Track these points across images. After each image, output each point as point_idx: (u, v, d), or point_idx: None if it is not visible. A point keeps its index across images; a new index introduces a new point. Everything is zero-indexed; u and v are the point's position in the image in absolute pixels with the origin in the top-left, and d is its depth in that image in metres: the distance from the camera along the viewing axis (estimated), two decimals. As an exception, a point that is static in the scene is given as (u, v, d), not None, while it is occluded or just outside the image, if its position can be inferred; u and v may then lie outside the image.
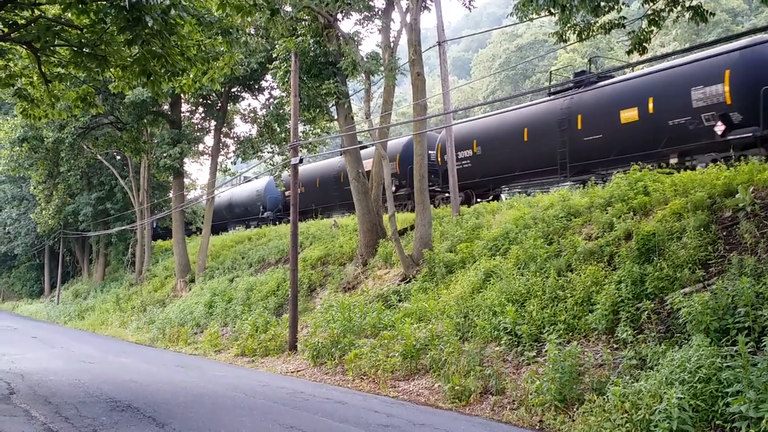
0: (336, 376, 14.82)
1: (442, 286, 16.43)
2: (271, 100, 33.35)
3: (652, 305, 10.48)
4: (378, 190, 23.03)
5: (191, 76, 13.39)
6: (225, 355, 20.28)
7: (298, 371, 16.05)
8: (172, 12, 10.31)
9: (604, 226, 13.96)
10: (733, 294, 9.28)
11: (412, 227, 21.21)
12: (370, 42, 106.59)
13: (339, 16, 21.85)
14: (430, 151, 28.69)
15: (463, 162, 26.04)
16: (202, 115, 37.65)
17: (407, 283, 18.26)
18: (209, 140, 37.02)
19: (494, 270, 14.91)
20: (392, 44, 21.58)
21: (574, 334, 11.43)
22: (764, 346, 8.04)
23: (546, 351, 10.72)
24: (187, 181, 41.48)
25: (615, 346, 10.61)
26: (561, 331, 11.43)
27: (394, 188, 23.66)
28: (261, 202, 42.42)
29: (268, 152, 36.71)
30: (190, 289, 31.87)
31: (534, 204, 18.26)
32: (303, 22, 21.69)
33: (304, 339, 17.50)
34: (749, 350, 7.88)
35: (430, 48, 23.21)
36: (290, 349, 18.08)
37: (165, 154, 32.92)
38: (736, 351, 7.97)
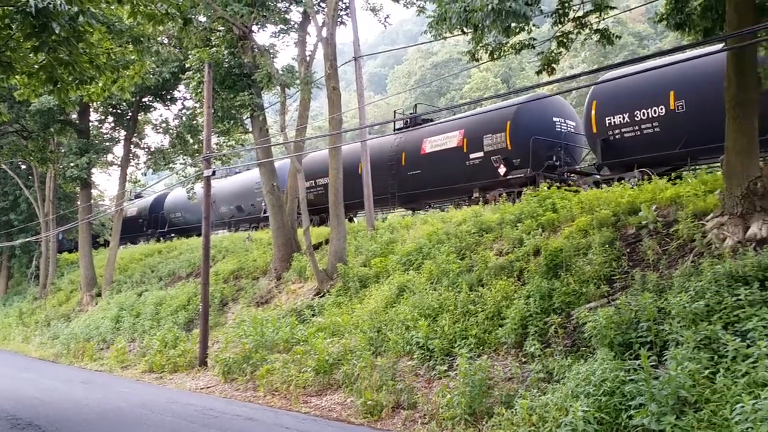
0: (247, 392, 14.54)
1: (355, 301, 16.40)
2: (184, 110, 32.64)
3: (559, 319, 10.72)
4: (293, 203, 22.86)
5: (100, 84, 12.96)
6: (132, 371, 19.62)
7: (208, 387, 15.67)
8: (81, 19, 9.96)
9: (514, 241, 14.25)
10: (636, 309, 9.58)
11: (327, 241, 21.12)
12: (286, 55, 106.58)
13: (254, 27, 21.68)
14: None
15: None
16: (112, 124, 36.46)
17: (321, 297, 18.14)
18: (119, 150, 35.85)
19: (407, 284, 14.98)
20: (308, 58, 21.56)
21: (484, 348, 11.56)
22: (665, 359, 8.31)
23: (457, 365, 10.80)
24: (95, 192, 40.07)
25: (523, 359, 10.79)
26: (472, 345, 11.54)
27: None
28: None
29: (180, 163, 35.91)
30: (96, 304, 30.72)
31: (447, 219, 18.48)
32: (217, 33, 21.42)
33: (215, 354, 17.12)
34: (651, 364, 8.12)
35: (347, 63, 23.32)
36: (200, 365, 17.64)
37: (72, 164, 31.73)
38: (638, 365, 8.21)
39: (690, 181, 13.31)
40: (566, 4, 10.81)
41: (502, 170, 21.13)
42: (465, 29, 10.29)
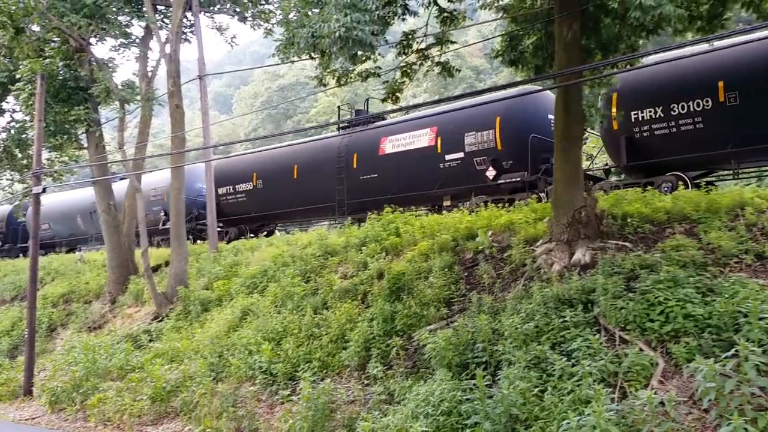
0: (77, 422, 13.70)
1: (196, 325, 15.92)
2: (13, 123, 30.53)
3: (401, 342, 10.95)
4: (131, 224, 21.93)
5: None
6: (-56, 404, 17.93)
7: (33, 418, 14.64)
8: None
9: (358, 265, 14.43)
10: (473, 330, 9.98)
11: (167, 263, 20.41)
12: (126, 70, 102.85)
13: (93, 40, 20.77)
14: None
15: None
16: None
17: (159, 321, 17.47)
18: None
19: (251, 308, 14.75)
20: (150, 74, 20.87)
21: (328, 371, 11.59)
22: (499, 379, 8.70)
23: (300, 389, 10.75)
24: None
25: (366, 382, 10.91)
26: (316, 369, 11.54)
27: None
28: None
29: (6, 179, 33.43)
30: None
31: (293, 242, 18.42)
32: (52, 44, 20.26)
33: (42, 383, 16.01)
34: (486, 383, 8.47)
35: (191, 81, 22.79)
36: (25, 395, 16.45)
37: None
38: (474, 384, 8.54)
39: (522, 209, 14.08)
40: (410, 37, 11.23)
41: (490, 174, 18.35)
42: (312, 54, 10.41)
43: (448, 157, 19.39)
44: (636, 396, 7.41)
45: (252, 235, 26.04)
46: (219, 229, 26.85)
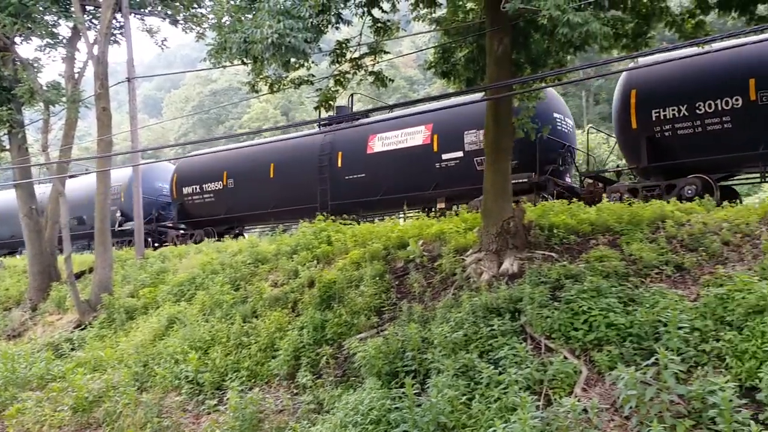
0: (-8, 435, 13.17)
1: (121, 333, 15.51)
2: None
3: (331, 350, 10.90)
4: (54, 228, 21.25)
5: None
6: None
7: (-57, 433, 13.99)
8: None
9: (289, 273, 14.33)
10: (403, 339, 10.01)
11: (91, 269, 19.84)
12: (52, 70, 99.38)
13: (18, 39, 20.08)
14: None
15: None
16: None
17: (82, 329, 16.95)
18: None
19: (178, 316, 14.46)
20: (77, 75, 20.31)
21: (257, 381, 11.44)
22: (428, 387, 8.76)
23: (228, 399, 10.59)
24: None
25: (295, 391, 10.82)
26: (244, 378, 11.38)
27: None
28: None
29: None
30: None
31: (222, 249, 18.16)
32: (-28, 41, 19.56)
33: (-45, 395, 15.32)
34: (415, 392, 8.51)
35: (119, 83, 22.27)
36: (-65, 408, 15.69)
37: None
38: (403, 393, 8.57)
39: (453, 219, 14.25)
40: (344, 46, 11.27)
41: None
42: (245, 60, 10.32)
43: (445, 156, 18.78)
44: (560, 403, 7.56)
45: (218, 238, 24.35)
46: (183, 231, 25.92)
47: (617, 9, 11.35)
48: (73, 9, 19.51)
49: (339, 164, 20.94)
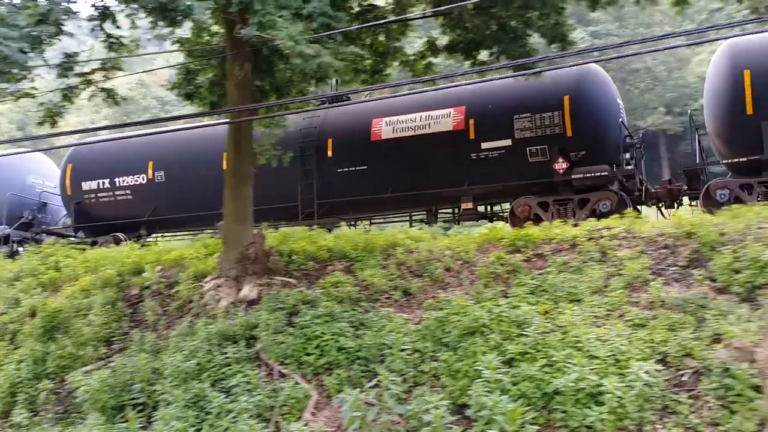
0: None
1: None
2: None
3: (52, 385, 10.10)
4: None
5: None
6: None
7: None
8: None
9: (9, 301, 13.08)
10: (132, 370, 9.53)
11: None
12: None
13: None
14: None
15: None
16: None
17: None
18: None
19: None
20: None
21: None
22: (155, 420, 8.41)
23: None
24: None
25: (10, 431, 9.88)
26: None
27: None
28: None
29: None
30: None
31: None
32: None
33: None
34: (141, 425, 8.16)
35: None
36: None
37: None
38: (126, 427, 8.15)
39: (194, 245, 13.92)
40: (71, 58, 10.58)
41: (561, 167, 14.69)
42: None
43: (485, 145, 15.44)
44: (288, 429, 7.63)
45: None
46: (78, 238, 19.84)
47: (355, 45, 11.85)
48: None
49: (329, 153, 16.94)
